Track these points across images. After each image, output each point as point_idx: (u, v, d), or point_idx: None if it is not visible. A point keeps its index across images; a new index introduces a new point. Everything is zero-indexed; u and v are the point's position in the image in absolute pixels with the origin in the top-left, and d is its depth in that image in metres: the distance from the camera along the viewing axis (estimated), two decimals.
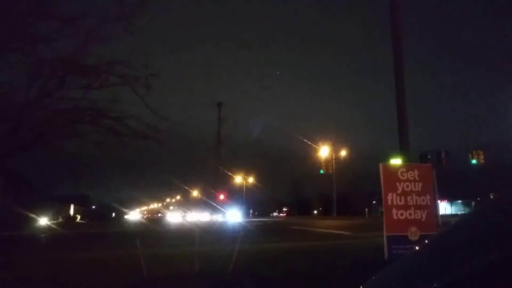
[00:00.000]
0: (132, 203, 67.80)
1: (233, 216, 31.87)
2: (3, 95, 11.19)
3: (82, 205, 54.83)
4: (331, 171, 31.76)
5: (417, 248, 0.71)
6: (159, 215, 75.22)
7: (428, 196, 5.49)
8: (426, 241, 0.70)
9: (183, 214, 44.70)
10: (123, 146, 12.63)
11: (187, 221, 33.73)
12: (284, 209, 72.22)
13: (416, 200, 5.43)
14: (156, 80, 12.19)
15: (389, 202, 5.40)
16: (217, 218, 33.60)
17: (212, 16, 71.50)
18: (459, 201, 45.61)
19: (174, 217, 36.61)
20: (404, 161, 6.70)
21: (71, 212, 50.70)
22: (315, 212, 69.12)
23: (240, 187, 46.00)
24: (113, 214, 59.77)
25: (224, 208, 32.23)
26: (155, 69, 12.09)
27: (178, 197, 65.14)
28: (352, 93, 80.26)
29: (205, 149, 32.28)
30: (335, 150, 33.09)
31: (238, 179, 43.95)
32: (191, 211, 49.22)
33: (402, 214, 5.39)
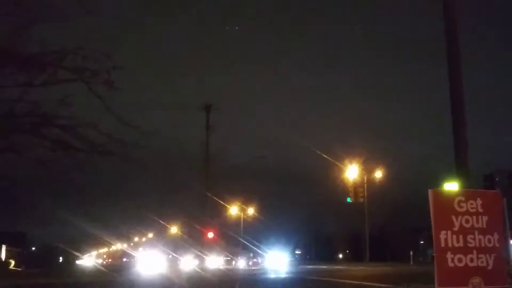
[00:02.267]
0: (88, 243, 67.62)
1: (274, 260, 31.95)
2: None
3: (18, 245, 54.70)
4: (361, 199, 31.67)
5: None
6: (124, 259, 74.79)
7: (496, 235, 5.48)
8: None
9: (161, 257, 44.52)
10: (75, 164, 12.65)
11: (170, 268, 33.53)
12: (297, 252, 71.80)
13: (480, 240, 5.42)
14: (123, 75, 12.28)
15: (442, 243, 5.38)
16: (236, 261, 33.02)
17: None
18: None
19: (148, 261, 36.41)
20: (463, 186, 6.68)
21: (2, 255, 50.53)
22: (340, 255, 68.60)
23: (236, 221, 45.91)
24: (60, 259, 59.43)
25: (212, 250, 32.03)
26: (121, 61, 12.20)
27: (150, 235, 64.95)
28: (390, 93, 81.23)
29: (188, 169, 32.33)
30: (368, 170, 33.12)
31: (233, 209, 43.90)
32: (173, 254, 49.08)
33: (460, 260, 5.37)
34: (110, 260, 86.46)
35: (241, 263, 46.32)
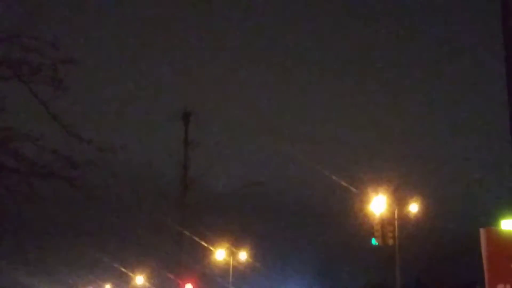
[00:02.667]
0: None
1: None
2: None
3: None
4: (391, 241, 31.51)
5: None
6: None
7: None
8: None
9: None
10: (8, 191, 12.56)
11: None
12: None
13: None
14: (75, 72, 12.29)
15: None
16: None
17: None
18: None
19: None
20: None
21: None
22: None
23: (224, 268, 45.57)
24: None
25: None
26: (73, 52, 12.21)
27: None
28: (428, 106, 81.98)
29: (161, 198, 32.19)
30: (400, 202, 32.99)
31: (220, 253, 43.63)
32: None
33: None
34: None
35: None
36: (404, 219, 33.55)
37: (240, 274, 46.85)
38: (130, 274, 49.47)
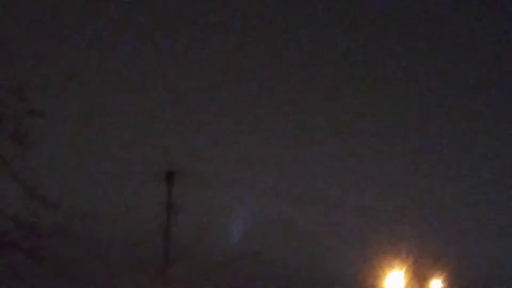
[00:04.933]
0: None
1: None
2: None
3: None
4: None
5: None
6: None
7: None
8: None
9: None
10: None
11: None
12: None
13: None
14: (42, 127, 12.45)
15: None
16: None
17: None
18: None
19: None
20: None
21: None
22: None
23: None
24: None
25: None
26: (39, 104, 12.44)
27: None
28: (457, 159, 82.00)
29: (141, 274, 31.98)
30: (420, 278, 32.83)
31: None
32: None
33: None
34: None
35: None
36: None
37: None
38: None
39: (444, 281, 33.88)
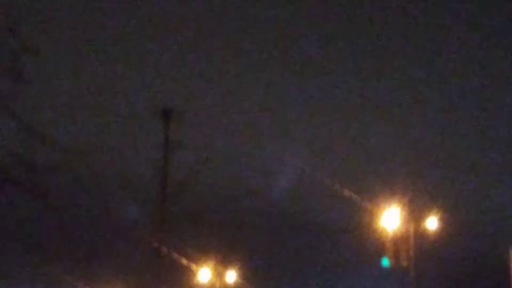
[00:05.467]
0: None
1: None
2: None
3: None
4: (405, 262, 31.64)
5: None
6: None
7: None
8: None
9: None
10: None
11: None
12: None
13: None
14: (37, 64, 12.34)
15: None
16: None
17: None
18: None
19: None
20: None
21: None
22: None
23: None
24: None
25: None
26: (35, 40, 12.28)
27: None
28: (452, 104, 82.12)
29: (136, 210, 32.20)
30: (416, 216, 33.09)
31: (204, 274, 43.56)
32: None
33: None
34: None
35: None
36: (421, 236, 33.58)
37: None
38: None
39: (439, 219, 34.14)
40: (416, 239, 32.92)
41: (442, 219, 34.42)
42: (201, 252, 40.63)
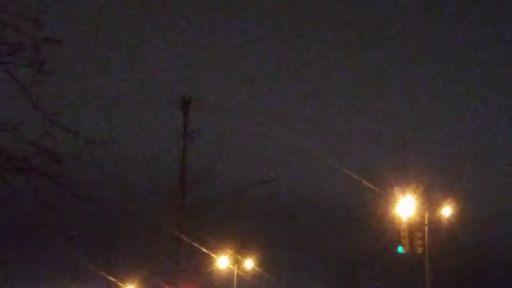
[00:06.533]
0: None
1: None
2: None
3: None
4: (420, 249, 31.55)
5: None
6: None
7: None
8: None
9: None
10: None
11: None
12: None
13: None
14: (59, 54, 12.36)
15: None
16: None
17: None
18: None
19: None
20: None
21: None
22: None
23: (228, 278, 45.63)
24: None
25: None
26: (58, 32, 12.29)
27: None
28: (467, 95, 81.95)
29: (156, 199, 32.26)
30: (430, 204, 32.98)
31: (222, 261, 43.74)
32: None
33: None
34: None
35: None
36: (435, 224, 33.45)
37: (245, 285, 46.99)
38: (120, 283, 49.67)
39: (453, 208, 33.97)
40: (430, 227, 32.79)
41: (457, 207, 34.32)
42: (220, 239, 40.77)
